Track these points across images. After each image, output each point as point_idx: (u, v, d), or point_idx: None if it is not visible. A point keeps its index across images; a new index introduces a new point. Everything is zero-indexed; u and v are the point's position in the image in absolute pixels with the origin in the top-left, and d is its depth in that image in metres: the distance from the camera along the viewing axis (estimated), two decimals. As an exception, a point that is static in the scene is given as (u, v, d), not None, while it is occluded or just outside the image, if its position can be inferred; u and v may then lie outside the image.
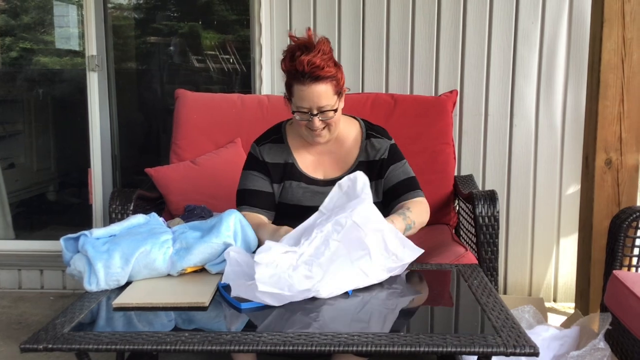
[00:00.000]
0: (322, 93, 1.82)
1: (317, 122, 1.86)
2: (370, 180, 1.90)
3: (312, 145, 1.99)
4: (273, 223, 1.95)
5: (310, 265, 1.51)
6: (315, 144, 1.97)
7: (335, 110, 1.87)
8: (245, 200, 1.96)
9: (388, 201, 1.98)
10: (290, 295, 1.49)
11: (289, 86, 1.88)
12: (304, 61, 1.78)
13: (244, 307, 1.48)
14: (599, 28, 2.61)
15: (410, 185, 1.98)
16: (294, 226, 1.72)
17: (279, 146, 2.00)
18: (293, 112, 1.88)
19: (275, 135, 2.03)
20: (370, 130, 2.03)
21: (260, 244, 1.75)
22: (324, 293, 1.53)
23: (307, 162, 2.00)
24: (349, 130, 2.02)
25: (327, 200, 1.67)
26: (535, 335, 2.10)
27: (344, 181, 1.68)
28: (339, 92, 1.88)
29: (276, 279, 1.47)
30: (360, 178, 1.67)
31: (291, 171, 1.98)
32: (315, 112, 1.84)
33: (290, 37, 1.91)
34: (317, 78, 1.80)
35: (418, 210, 1.90)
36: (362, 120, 2.07)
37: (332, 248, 1.54)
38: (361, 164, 1.98)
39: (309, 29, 1.92)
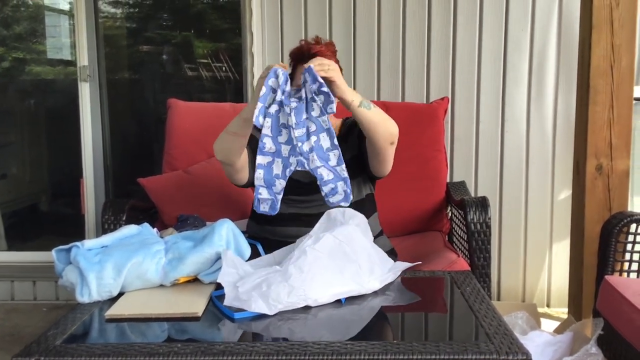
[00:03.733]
0: None
1: None
2: (350, 139, 2.05)
3: None
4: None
5: (290, 274, 1.53)
6: None
7: None
8: None
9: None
10: (282, 306, 1.49)
11: (292, 71, 2.03)
12: (309, 45, 1.99)
13: (237, 317, 1.48)
14: (588, 34, 2.63)
15: None
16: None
17: None
18: None
19: None
20: (348, 117, 2.16)
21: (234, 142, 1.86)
22: (312, 295, 1.53)
23: None
24: (335, 123, 2.13)
25: (317, 226, 1.71)
26: (530, 341, 2.11)
27: (333, 211, 1.73)
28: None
29: (263, 292, 1.49)
30: (349, 212, 1.73)
31: None
32: None
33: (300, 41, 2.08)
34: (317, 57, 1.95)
35: (382, 110, 1.90)
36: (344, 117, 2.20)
37: (310, 256, 1.56)
38: (342, 136, 2.08)
39: (317, 36, 2.07)
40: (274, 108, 1.70)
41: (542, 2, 3.00)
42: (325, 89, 1.68)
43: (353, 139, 2.07)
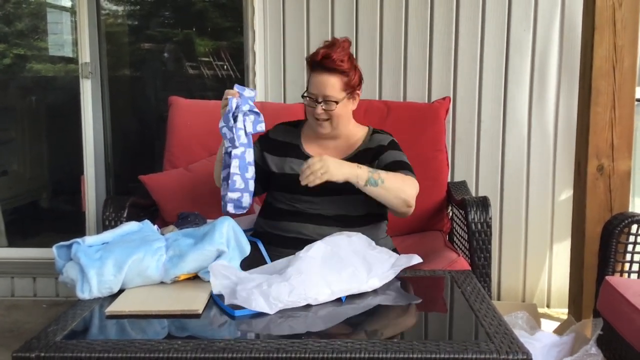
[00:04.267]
0: (330, 84, 1.99)
1: (320, 109, 2.00)
2: (368, 163, 2.02)
3: (321, 140, 2.11)
4: (268, 194, 2.14)
5: (289, 275, 1.53)
6: (320, 135, 2.08)
7: (338, 103, 2.00)
8: None
9: None
10: (282, 304, 1.49)
11: (308, 77, 2.07)
12: (322, 53, 1.99)
13: (237, 314, 1.48)
14: (590, 35, 2.63)
15: (400, 166, 2.03)
16: (288, 198, 2.00)
17: (293, 129, 2.18)
18: (303, 96, 2.06)
19: (297, 122, 2.22)
20: (376, 130, 2.18)
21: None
22: (312, 294, 1.52)
23: (313, 151, 2.11)
24: (357, 130, 2.15)
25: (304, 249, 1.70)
26: (537, 341, 2.11)
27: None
28: (348, 91, 2.02)
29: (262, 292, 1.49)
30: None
31: (296, 152, 2.11)
32: (320, 99, 1.99)
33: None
34: (328, 69, 1.98)
35: (396, 178, 1.94)
36: (372, 127, 2.19)
37: (305, 260, 1.58)
38: (361, 152, 2.09)
39: (333, 38, 2.08)
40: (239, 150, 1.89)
41: (544, 3, 3.00)
42: (255, 109, 1.88)
43: (374, 161, 2.07)
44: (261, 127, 1.91)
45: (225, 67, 4.32)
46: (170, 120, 2.81)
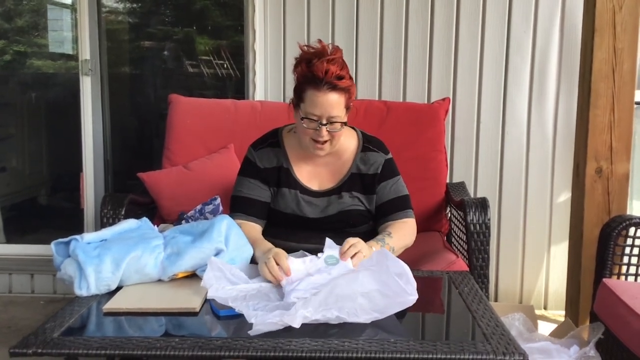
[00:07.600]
0: (336, 103, 1.79)
1: (325, 132, 1.81)
2: (363, 193, 1.95)
3: (309, 156, 1.94)
4: (264, 230, 1.94)
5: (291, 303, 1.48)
6: (315, 156, 1.92)
7: (343, 124, 1.84)
8: (239, 207, 1.93)
9: (377, 219, 1.96)
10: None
11: (300, 91, 1.85)
12: (324, 68, 1.76)
13: (222, 314, 1.47)
14: (590, 38, 2.63)
15: (399, 205, 1.95)
16: (282, 233, 1.82)
17: (275, 150, 1.97)
18: (301, 119, 1.84)
19: (272, 139, 2.00)
20: (367, 143, 1.99)
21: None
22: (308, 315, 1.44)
23: (303, 171, 1.96)
24: (348, 143, 1.97)
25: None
26: (541, 347, 2.11)
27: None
28: (348, 107, 1.86)
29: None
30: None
31: (287, 178, 1.94)
32: (324, 121, 1.80)
33: (301, 47, 1.85)
34: (334, 87, 1.78)
35: (401, 233, 1.88)
36: (359, 130, 2.02)
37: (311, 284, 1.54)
38: (353, 176, 1.95)
39: (320, 40, 1.86)
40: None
41: (544, 5, 3.00)
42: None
43: (371, 195, 1.97)
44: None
45: (225, 65, 4.33)
46: (169, 118, 2.81)
